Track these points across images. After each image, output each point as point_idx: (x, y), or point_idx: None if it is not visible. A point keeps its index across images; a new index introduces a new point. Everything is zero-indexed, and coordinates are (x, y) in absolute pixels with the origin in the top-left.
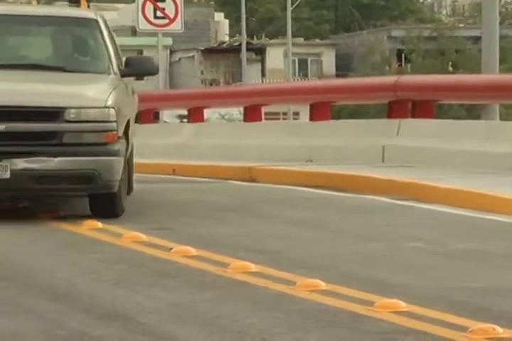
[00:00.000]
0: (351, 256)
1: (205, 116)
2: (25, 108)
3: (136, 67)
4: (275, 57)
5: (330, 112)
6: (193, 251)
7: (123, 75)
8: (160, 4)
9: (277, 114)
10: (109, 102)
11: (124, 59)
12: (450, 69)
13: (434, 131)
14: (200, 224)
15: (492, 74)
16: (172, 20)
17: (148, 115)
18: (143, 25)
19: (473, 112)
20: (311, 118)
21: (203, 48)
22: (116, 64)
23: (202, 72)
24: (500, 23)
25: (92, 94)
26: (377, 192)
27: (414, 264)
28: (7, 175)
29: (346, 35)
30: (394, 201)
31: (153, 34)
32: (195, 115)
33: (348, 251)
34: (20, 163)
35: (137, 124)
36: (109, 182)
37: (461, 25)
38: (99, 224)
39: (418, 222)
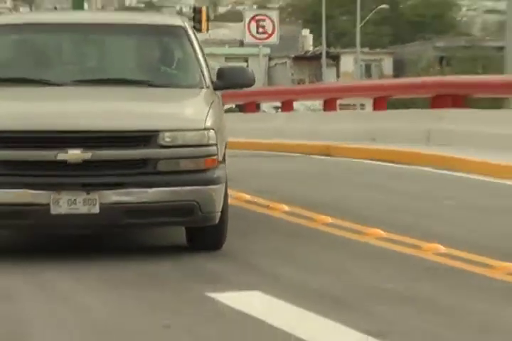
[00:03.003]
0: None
1: (294, 107)
2: (114, 132)
3: (230, 79)
4: (347, 62)
5: (387, 104)
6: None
7: (216, 88)
8: (261, 23)
9: (348, 105)
10: (209, 123)
11: (216, 70)
12: (480, 71)
13: (473, 118)
14: (291, 187)
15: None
16: (270, 35)
17: (251, 106)
18: (248, 39)
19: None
20: (374, 109)
21: (293, 56)
22: (208, 76)
23: (292, 74)
24: None
25: (189, 113)
26: (423, 164)
27: None
28: (96, 209)
29: (401, 46)
30: (434, 170)
31: (256, 45)
32: (286, 106)
33: (400, 207)
34: (110, 196)
35: (243, 113)
36: (210, 214)
37: (489, 37)
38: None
39: (451, 184)
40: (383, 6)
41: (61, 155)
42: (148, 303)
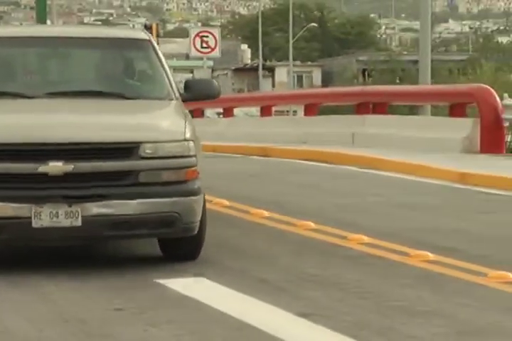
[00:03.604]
0: (338, 206)
1: (234, 113)
2: (95, 144)
3: (197, 91)
4: (281, 74)
5: (317, 110)
6: (226, 203)
7: (184, 100)
8: (205, 39)
9: (282, 111)
10: (188, 134)
11: (183, 82)
12: (397, 82)
13: (392, 123)
14: (232, 184)
15: (425, 86)
16: (213, 49)
17: (197, 112)
18: (193, 53)
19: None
20: (305, 114)
21: (233, 68)
22: (176, 88)
23: (233, 84)
24: (432, 51)
25: (168, 125)
26: (349, 163)
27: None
28: (78, 222)
29: (329, 59)
30: (359, 169)
31: (200, 58)
32: (227, 112)
33: (329, 202)
34: (93, 208)
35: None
36: (191, 225)
37: (405, 52)
38: None
39: (375, 182)
40: (313, 24)
41: (42, 168)
42: (107, 290)
